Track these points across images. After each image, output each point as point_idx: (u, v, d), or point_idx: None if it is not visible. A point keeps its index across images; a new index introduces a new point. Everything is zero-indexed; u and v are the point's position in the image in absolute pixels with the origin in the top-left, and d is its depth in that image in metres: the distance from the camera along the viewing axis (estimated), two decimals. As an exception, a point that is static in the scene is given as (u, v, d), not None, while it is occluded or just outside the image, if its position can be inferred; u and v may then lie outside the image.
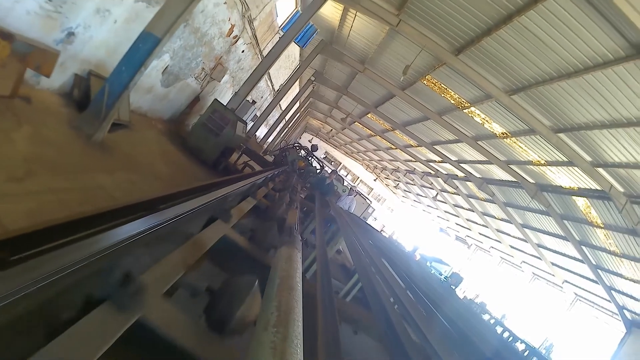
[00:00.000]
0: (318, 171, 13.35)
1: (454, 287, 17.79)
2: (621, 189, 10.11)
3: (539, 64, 7.79)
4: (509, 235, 19.98)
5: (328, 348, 0.89)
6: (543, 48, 7.29)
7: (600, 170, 10.01)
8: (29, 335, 0.69)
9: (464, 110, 11.38)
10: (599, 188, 10.47)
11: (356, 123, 21.94)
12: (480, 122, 11.55)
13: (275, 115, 19.25)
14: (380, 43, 10.65)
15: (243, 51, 9.39)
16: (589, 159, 9.99)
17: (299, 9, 10.96)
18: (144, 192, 3.71)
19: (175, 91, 7.65)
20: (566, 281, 19.34)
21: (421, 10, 8.35)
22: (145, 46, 3.92)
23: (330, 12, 10.64)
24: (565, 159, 10.36)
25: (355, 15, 10.07)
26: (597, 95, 7.65)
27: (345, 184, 18.95)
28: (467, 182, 17.90)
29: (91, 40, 4.56)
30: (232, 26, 7.78)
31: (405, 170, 25.82)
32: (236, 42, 8.51)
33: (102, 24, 4.51)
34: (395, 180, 32.01)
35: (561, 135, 9.67)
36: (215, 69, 8.43)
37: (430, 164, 19.48)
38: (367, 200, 21.38)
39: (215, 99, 7.33)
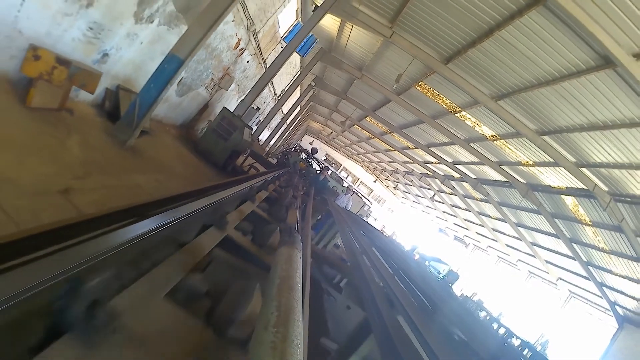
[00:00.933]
0: (317, 172, 14.14)
1: (450, 284, 18.45)
2: (605, 188, 10.71)
3: (520, 73, 8.50)
4: (504, 234, 20.58)
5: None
6: (522, 58, 8.00)
7: (584, 170, 10.62)
8: (178, 239, 1.43)
9: (456, 115, 12.10)
10: (584, 187, 11.05)
11: (355, 126, 22.68)
12: (471, 125, 12.25)
13: (277, 119, 20.00)
14: (376, 52, 11.41)
15: (248, 61, 10.18)
16: (572, 159, 10.60)
17: (300, 20, 11.74)
18: (170, 190, 4.44)
19: (188, 100, 8.44)
20: (560, 279, 19.85)
21: (412, 24, 9.09)
22: (170, 66, 4.67)
23: (329, 23, 11.40)
24: (551, 160, 10.98)
25: (352, 26, 10.83)
26: (574, 100, 8.33)
27: (345, 184, 19.86)
28: (463, 183, 18.55)
29: (121, 60, 5.32)
30: (239, 40, 8.56)
31: (404, 171, 26.52)
32: (242, 53, 9.29)
33: (131, 46, 5.28)
34: (394, 181, 32.70)
35: (545, 137, 10.32)
36: (223, 79, 9.21)
37: (428, 165, 20.17)
38: (362, 199, 22.75)
39: (224, 107, 8.10)
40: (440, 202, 25.26)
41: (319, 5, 9.45)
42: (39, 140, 3.60)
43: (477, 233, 24.09)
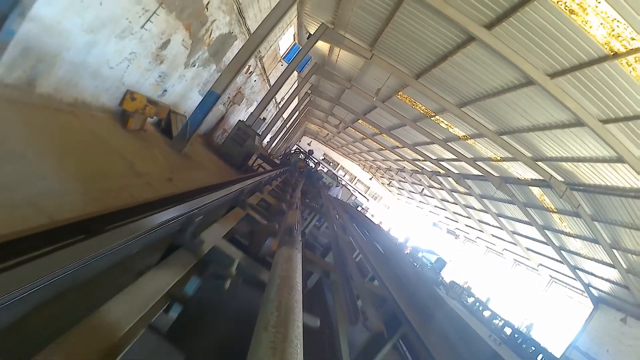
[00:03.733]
0: (313, 170, 16.86)
1: (438, 271, 21.00)
2: (560, 179, 13.10)
3: (473, 86, 11.05)
4: (489, 224, 23.00)
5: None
6: (473, 76, 10.56)
7: (540, 163, 13.07)
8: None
9: (431, 118, 14.67)
10: (542, 178, 13.46)
11: (349, 128, 25.27)
12: (445, 127, 14.82)
13: (278, 123, 22.57)
14: (361, 68, 14.01)
15: (255, 80, 12.77)
16: (529, 154, 13.06)
17: (297, 41, 14.34)
18: (213, 180, 7.04)
19: (210, 114, 10.99)
20: (541, 264, 22.19)
21: (387, 48, 11.68)
22: (210, 99, 7.22)
23: (321, 44, 13.96)
24: (512, 155, 13.43)
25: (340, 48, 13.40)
26: (518, 108, 10.86)
27: (339, 179, 22.85)
28: (448, 178, 21.06)
29: (173, 93, 7.90)
30: (249, 66, 11.14)
31: (397, 169, 29.09)
32: (251, 75, 11.86)
33: (180, 83, 7.86)
34: (388, 178, 35.28)
35: (504, 137, 12.83)
36: (236, 96, 11.78)
37: (416, 162, 22.72)
38: (351, 191, 28.59)
39: (240, 120, 10.68)
40: (431, 197, 27.80)
41: (311, 33, 12.03)
42: (141, 152, 6.18)
43: (466, 225, 26.57)
